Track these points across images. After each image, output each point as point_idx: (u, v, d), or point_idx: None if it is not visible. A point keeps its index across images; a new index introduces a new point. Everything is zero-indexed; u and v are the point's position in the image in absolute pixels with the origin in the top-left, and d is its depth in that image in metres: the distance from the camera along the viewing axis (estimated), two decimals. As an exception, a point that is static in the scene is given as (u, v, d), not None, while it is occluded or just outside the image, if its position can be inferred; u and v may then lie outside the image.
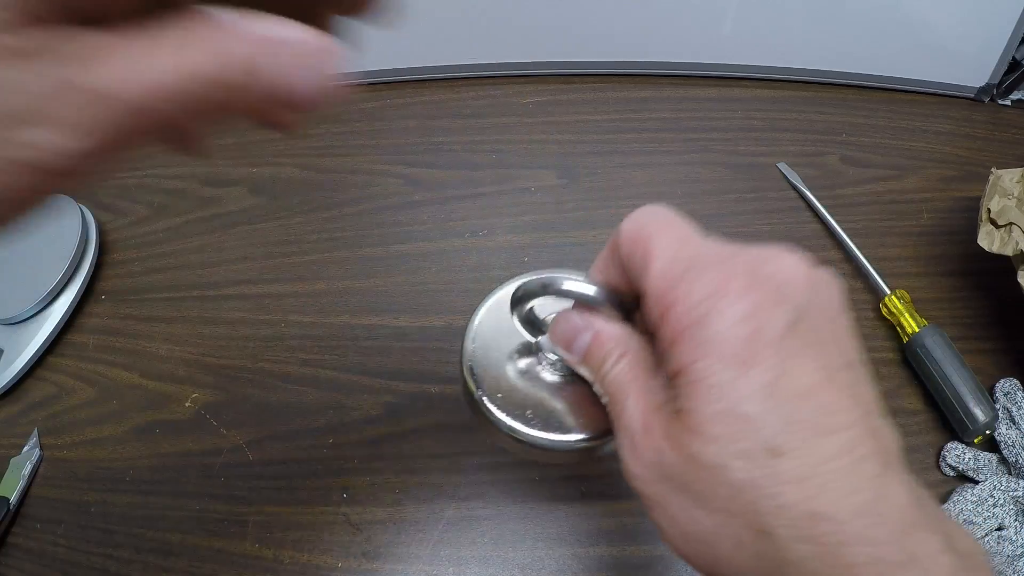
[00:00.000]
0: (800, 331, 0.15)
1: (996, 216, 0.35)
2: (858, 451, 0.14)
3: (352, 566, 0.32)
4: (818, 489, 0.14)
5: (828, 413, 0.14)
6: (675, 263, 0.16)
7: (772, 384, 0.14)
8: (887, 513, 0.14)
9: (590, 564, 0.32)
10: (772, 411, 0.14)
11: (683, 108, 0.49)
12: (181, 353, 0.40)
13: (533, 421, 0.20)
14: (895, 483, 0.15)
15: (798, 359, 0.15)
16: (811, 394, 0.14)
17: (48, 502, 0.36)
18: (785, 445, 0.14)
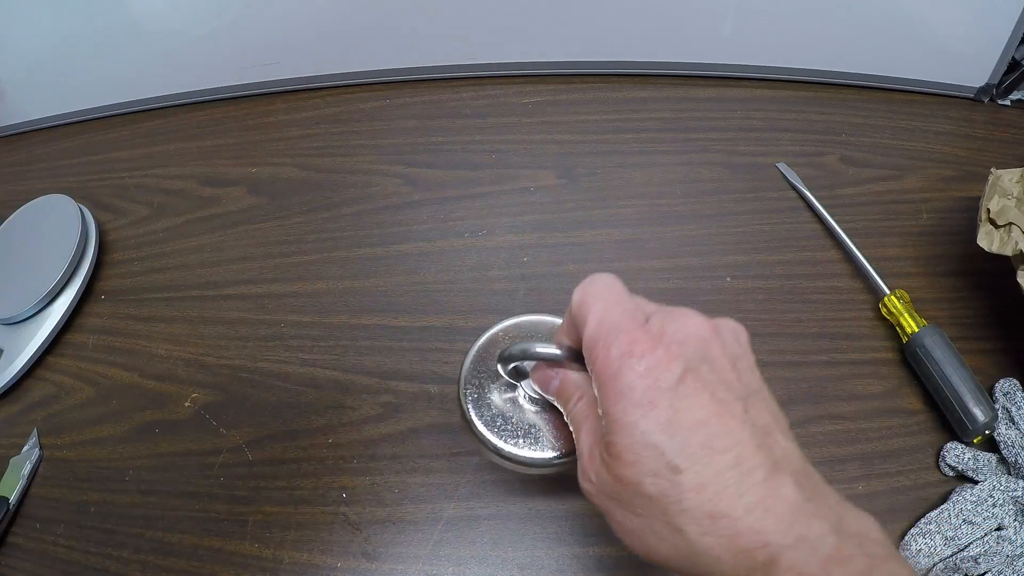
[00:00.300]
0: (691, 378, 0.19)
1: (996, 216, 0.35)
2: (746, 463, 0.19)
3: (352, 566, 0.32)
4: (714, 494, 0.18)
5: (718, 436, 0.19)
6: (601, 326, 0.21)
7: (669, 420, 0.19)
8: (774, 507, 0.18)
9: (589, 564, 0.32)
10: (671, 439, 0.19)
11: (683, 108, 0.49)
12: (181, 353, 0.40)
13: (517, 442, 0.26)
14: (783, 484, 0.18)
15: (690, 399, 0.19)
16: (703, 424, 0.19)
17: (48, 502, 0.36)
18: (683, 464, 0.18)
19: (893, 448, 0.34)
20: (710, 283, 0.40)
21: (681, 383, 0.19)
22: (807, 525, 0.18)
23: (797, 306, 0.39)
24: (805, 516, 0.18)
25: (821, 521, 0.18)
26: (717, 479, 0.18)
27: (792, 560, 0.17)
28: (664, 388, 0.19)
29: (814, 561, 0.17)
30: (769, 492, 0.18)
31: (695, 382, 0.19)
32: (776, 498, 0.18)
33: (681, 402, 0.19)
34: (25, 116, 0.55)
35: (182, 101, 0.54)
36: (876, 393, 0.36)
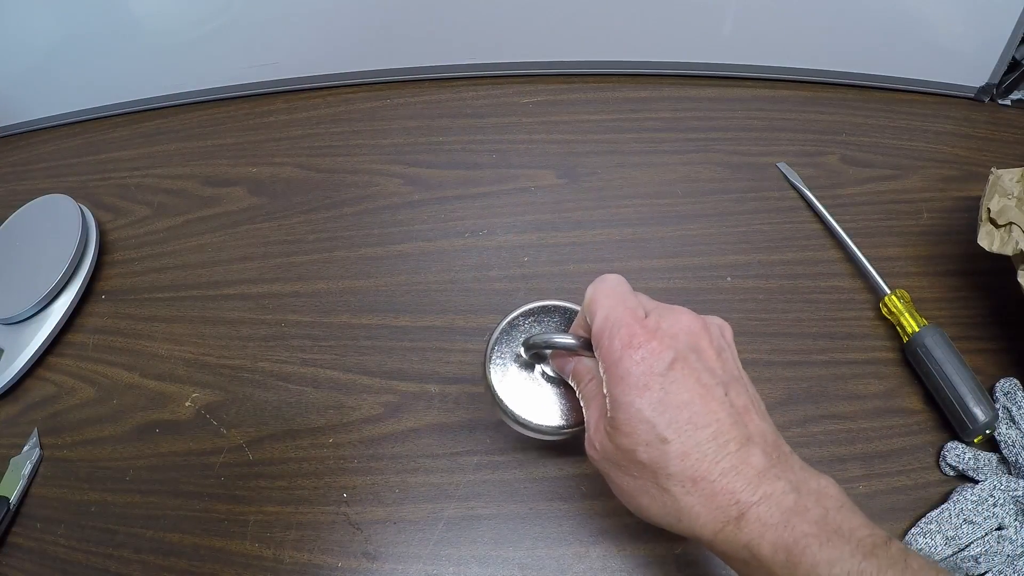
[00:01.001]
0: (680, 365, 0.23)
1: (996, 216, 0.35)
2: (723, 436, 0.22)
3: (352, 566, 0.32)
4: (695, 461, 0.22)
5: (700, 414, 0.23)
6: (606, 321, 0.24)
7: (660, 400, 0.23)
8: (744, 471, 0.22)
9: (591, 563, 0.32)
10: (660, 416, 0.22)
11: (683, 108, 0.49)
12: (181, 353, 0.40)
13: (535, 412, 0.29)
14: (752, 454, 0.22)
15: (678, 383, 0.23)
16: (688, 404, 0.23)
17: (48, 502, 0.36)
18: (670, 436, 0.22)
19: (894, 448, 0.34)
20: (710, 283, 0.40)
21: (671, 369, 0.23)
22: (771, 485, 0.22)
23: (798, 306, 0.39)
24: (770, 479, 0.22)
25: (783, 482, 0.22)
26: (698, 449, 0.22)
27: (758, 512, 0.21)
28: (656, 373, 0.23)
29: (776, 512, 0.21)
30: (741, 460, 0.22)
31: (683, 369, 0.23)
32: (746, 464, 0.22)
33: (671, 385, 0.23)
34: (25, 116, 0.55)
35: (182, 101, 0.54)
36: (877, 393, 0.36)
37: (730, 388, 0.23)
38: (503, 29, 0.50)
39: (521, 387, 0.30)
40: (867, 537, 0.21)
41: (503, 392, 0.29)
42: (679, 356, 0.23)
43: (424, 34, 0.50)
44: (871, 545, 0.21)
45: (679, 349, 0.23)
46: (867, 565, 0.20)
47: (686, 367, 0.23)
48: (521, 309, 0.31)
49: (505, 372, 0.30)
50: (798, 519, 0.21)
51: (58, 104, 0.54)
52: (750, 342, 0.38)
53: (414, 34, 0.51)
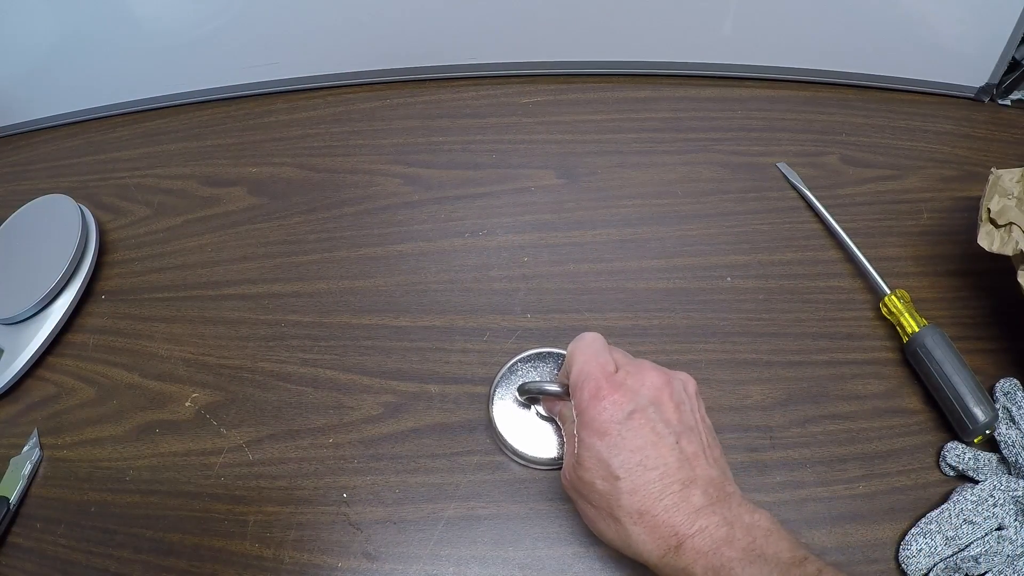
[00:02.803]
0: (639, 416, 0.27)
1: (996, 216, 0.35)
2: (668, 478, 0.26)
3: (352, 566, 0.32)
4: (642, 497, 0.26)
5: (650, 458, 0.26)
6: (579, 375, 0.29)
7: (616, 444, 0.27)
8: (684, 508, 0.26)
9: (591, 563, 0.32)
10: (615, 458, 0.26)
11: (683, 108, 0.49)
12: (181, 353, 0.40)
13: (532, 447, 0.34)
14: (693, 494, 0.26)
15: (634, 431, 0.27)
16: (640, 449, 0.27)
17: (48, 502, 0.36)
18: (622, 475, 0.26)
19: (894, 448, 0.34)
20: (710, 283, 0.40)
21: (629, 419, 0.27)
22: (707, 520, 0.25)
23: (797, 306, 0.39)
24: (706, 514, 0.25)
25: (718, 517, 0.25)
26: (645, 487, 0.26)
27: (693, 543, 0.25)
28: (615, 422, 0.27)
29: (709, 542, 0.25)
30: (682, 499, 0.26)
31: (641, 419, 0.27)
32: (686, 503, 0.26)
33: (627, 432, 0.27)
34: (25, 116, 0.55)
35: (182, 101, 0.54)
36: (877, 393, 0.36)
37: (682, 438, 0.27)
38: (503, 29, 0.50)
39: (519, 424, 0.34)
40: (788, 558, 0.24)
41: (504, 428, 0.34)
42: (638, 408, 0.27)
43: (424, 34, 0.50)
44: (788, 564, 0.24)
45: (639, 403, 0.27)
46: None
47: (643, 418, 0.27)
48: (519, 356, 0.36)
49: (505, 411, 0.35)
50: (727, 547, 0.25)
51: (58, 104, 0.54)
52: (750, 342, 0.38)
53: (414, 34, 0.51)
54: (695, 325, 0.38)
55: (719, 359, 0.37)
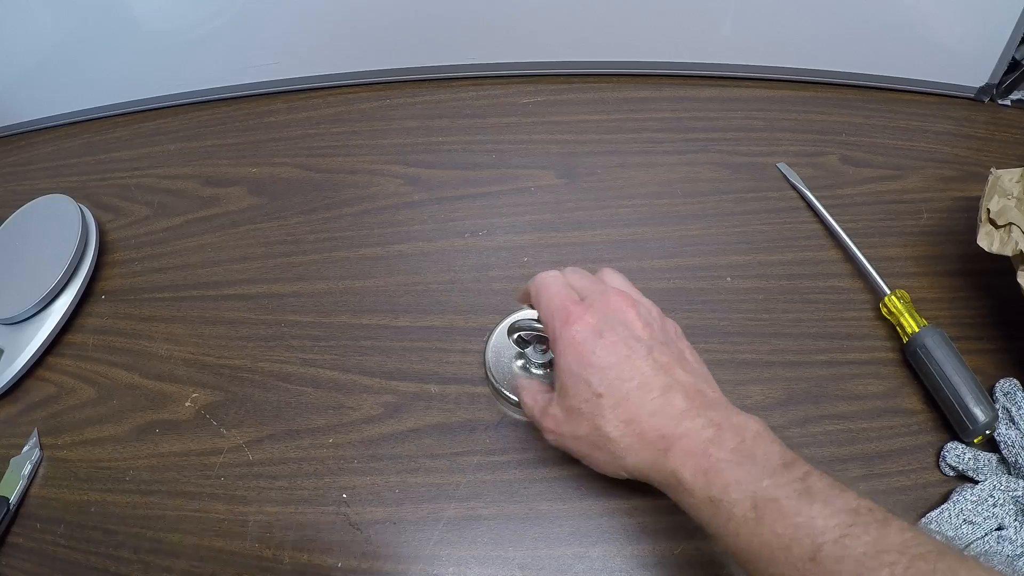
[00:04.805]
0: (609, 334, 0.28)
1: (996, 216, 0.35)
2: (646, 386, 0.27)
3: (352, 566, 0.32)
4: (625, 407, 0.27)
5: (626, 371, 0.27)
6: (548, 309, 0.30)
7: (592, 363, 0.27)
8: (667, 411, 0.26)
9: (591, 564, 0.32)
10: (593, 375, 0.27)
11: (683, 108, 0.49)
12: (181, 353, 0.40)
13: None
14: (675, 398, 0.26)
15: (607, 348, 0.27)
16: (615, 365, 0.27)
17: (48, 502, 0.36)
18: (603, 391, 0.27)
19: (894, 448, 0.34)
20: (710, 283, 0.40)
21: (601, 338, 0.28)
22: (692, 422, 0.26)
23: (797, 306, 0.39)
24: (690, 416, 0.26)
25: (703, 419, 0.26)
26: (626, 398, 0.27)
27: (681, 444, 0.25)
28: (589, 343, 0.28)
29: (696, 443, 0.25)
30: (664, 403, 0.26)
31: (612, 336, 0.28)
32: (669, 406, 0.26)
33: (600, 351, 0.27)
34: (25, 116, 0.55)
35: (182, 101, 0.54)
36: (876, 393, 0.36)
37: (654, 350, 0.28)
38: (503, 29, 0.50)
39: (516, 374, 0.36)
40: (777, 460, 0.24)
41: (497, 379, 0.36)
42: (608, 327, 0.28)
43: (423, 34, 0.50)
44: (775, 468, 0.24)
45: (608, 322, 0.28)
46: (769, 482, 0.23)
47: (614, 335, 0.28)
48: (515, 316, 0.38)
49: (499, 365, 0.37)
50: (715, 448, 0.25)
51: (58, 104, 0.54)
52: (750, 342, 0.38)
53: (413, 34, 0.51)
54: (695, 325, 0.38)
55: (719, 359, 0.37)
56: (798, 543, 0.22)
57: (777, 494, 0.23)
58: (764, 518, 0.23)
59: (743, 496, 0.23)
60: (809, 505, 0.22)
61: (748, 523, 0.23)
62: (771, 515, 0.23)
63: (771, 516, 0.23)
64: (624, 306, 0.29)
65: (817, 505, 0.22)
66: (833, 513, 0.22)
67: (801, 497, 0.23)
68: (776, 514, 0.22)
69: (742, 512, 0.23)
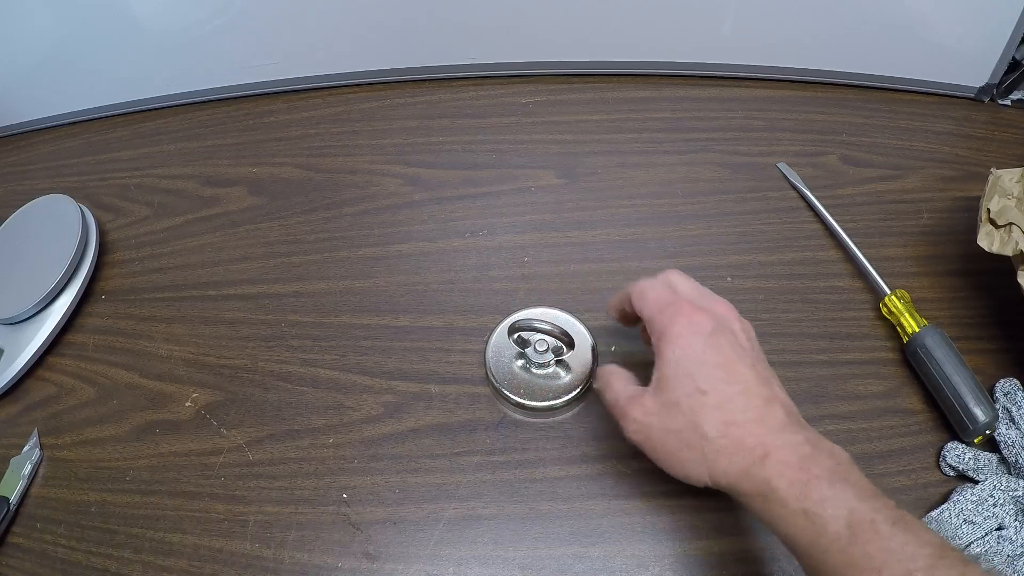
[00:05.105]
0: (718, 334, 0.28)
1: (996, 216, 0.35)
2: (751, 392, 0.27)
3: (352, 566, 0.32)
4: (728, 410, 0.27)
5: (733, 374, 0.27)
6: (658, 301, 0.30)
7: (700, 359, 0.27)
8: (768, 422, 0.26)
9: (591, 564, 0.31)
10: (700, 371, 0.27)
11: (683, 108, 0.49)
12: (181, 353, 0.40)
13: (523, 394, 0.36)
14: (776, 410, 0.27)
15: (716, 348, 0.28)
16: (723, 365, 0.28)
17: (48, 502, 0.36)
18: (707, 388, 0.27)
19: (894, 448, 0.34)
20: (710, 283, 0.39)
21: (711, 336, 0.28)
22: (792, 436, 0.26)
23: (797, 306, 0.39)
24: (791, 431, 0.26)
25: (802, 436, 0.26)
26: (730, 401, 0.27)
27: (780, 455, 0.25)
28: (699, 337, 0.28)
29: (795, 457, 0.25)
30: (766, 413, 0.27)
31: (720, 338, 0.28)
32: (771, 417, 0.26)
33: (709, 349, 0.27)
34: (25, 116, 0.55)
35: (182, 101, 0.54)
36: (877, 393, 0.36)
37: (756, 362, 0.28)
38: (503, 29, 0.50)
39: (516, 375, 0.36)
40: (869, 489, 0.25)
41: (498, 380, 0.36)
42: (717, 328, 0.28)
43: (423, 34, 0.50)
44: (871, 493, 0.24)
45: (718, 324, 0.28)
46: (863, 505, 0.23)
47: (723, 337, 0.28)
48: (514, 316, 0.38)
49: (500, 364, 0.37)
50: (812, 464, 0.25)
51: (58, 104, 0.54)
52: (750, 342, 0.38)
53: (413, 34, 0.51)
54: (695, 325, 0.38)
55: (719, 359, 0.37)
56: (889, 568, 0.22)
57: (874, 516, 0.23)
58: (858, 538, 0.23)
59: (839, 513, 0.23)
60: (903, 532, 0.23)
61: (840, 540, 0.23)
62: (865, 536, 0.23)
63: (865, 537, 0.23)
64: (731, 316, 0.30)
65: (909, 534, 0.23)
66: (923, 544, 0.22)
67: (895, 524, 0.23)
68: (871, 535, 0.23)
69: (836, 529, 0.23)
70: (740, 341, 0.29)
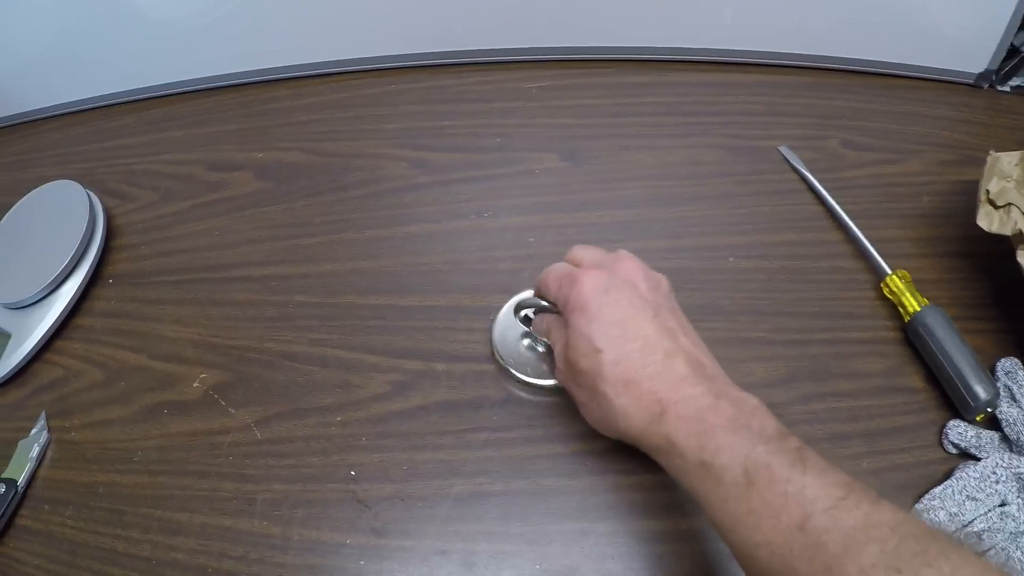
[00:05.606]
0: (615, 291, 0.28)
1: (995, 197, 0.35)
2: (649, 348, 0.27)
3: (361, 542, 0.32)
4: (625, 367, 0.27)
5: (631, 329, 0.27)
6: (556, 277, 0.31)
7: (595, 318, 0.28)
8: (668, 376, 0.26)
9: (597, 539, 0.32)
10: (595, 331, 0.27)
11: (685, 93, 0.50)
12: (189, 334, 0.40)
13: (529, 372, 0.36)
14: (676, 363, 0.26)
15: (612, 304, 0.28)
16: (620, 322, 0.27)
17: (56, 484, 0.36)
18: (603, 346, 0.27)
19: (896, 425, 0.34)
20: (713, 263, 0.41)
21: (606, 293, 0.28)
22: (691, 389, 0.26)
23: (799, 285, 0.39)
24: (690, 383, 0.26)
25: (703, 387, 0.26)
26: (627, 358, 0.27)
27: (677, 409, 0.25)
28: (594, 297, 0.28)
29: (693, 409, 0.25)
30: (665, 367, 0.26)
31: (617, 294, 0.28)
32: (670, 371, 0.26)
33: (605, 306, 0.28)
34: (32, 105, 0.55)
35: (188, 89, 0.54)
36: (878, 371, 0.36)
37: (660, 312, 0.28)
38: (508, 15, 0.50)
39: (522, 354, 0.37)
40: (772, 431, 0.24)
41: (505, 358, 0.36)
42: (614, 284, 0.28)
43: (428, 21, 0.51)
44: (769, 437, 0.24)
45: (614, 280, 0.28)
46: (761, 450, 0.23)
47: (620, 292, 0.28)
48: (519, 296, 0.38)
49: (506, 345, 0.37)
50: (711, 414, 0.25)
51: (64, 93, 0.55)
52: (752, 321, 0.38)
53: (418, 21, 0.51)
54: (698, 304, 0.38)
55: (722, 337, 0.37)
56: (787, 511, 0.21)
57: (770, 460, 0.22)
58: (755, 483, 0.22)
59: (735, 461, 0.23)
60: (802, 474, 0.22)
61: (738, 488, 0.23)
62: (762, 481, 0.22)
63: (762, 482, 0.22)
64: (634, 268, 0.29)
65: (810, 475, 0.22)
66: (825, 485, 0.22)
67: (794, 466, 0.22)
68: (767, 480, 0.22)
69: (732, 477, 0.23)
70: (642, 293, 0.28)
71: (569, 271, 0.30)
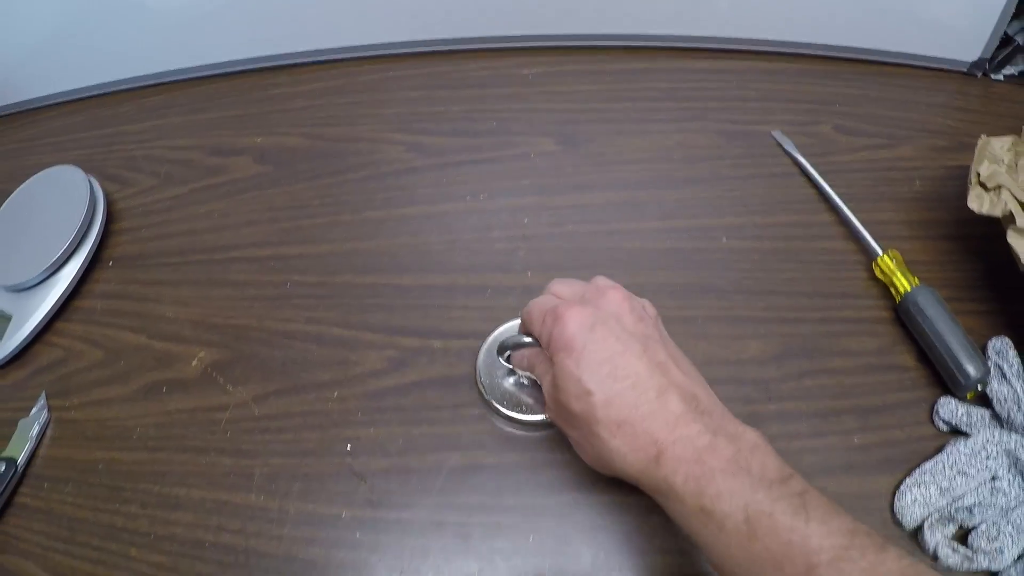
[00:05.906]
0: (601, 328, 0.27)
1: (986, 180, 0.35)
2: (641, 386, 0.26)
3: (357, 514, 0.32)
4: (617, 408, 0.25)
5: (620, 367, 0.26)
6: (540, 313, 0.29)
7: (583, 358, 0.26)
8: (662, 415, 0.25)
9: (589, 511, 0.32)
10: (584, 371, 0.26)
11: (679, 79, 0.50)
12: (188, 314, 0.41)
13: (516, 409, 0.34)
14: (670, 400, 0.25)
15: (599, 343, 0.26)
16: (607, 360, 0.26)
17: (56, 462, 0.36)
18: (593, 388, 0.26)
19: (888, 402, 0.35)
20: (706, 243, 0.41)
21: (592, 332, 0.27)
22: (687, 428, 0.25)
23: (791, 266, 0.40)
24: (686, 422, 0.25)
25: (699, 425, 0.25)
26: (619, 397, 0.25)
27: (674, 451, 0.24)
28: (579, 337, 0.27)
29: (690, 450, 0.24)
30: (659, 406, 0.25)
31: (603, 330, 0.27)
32: (664, 410, 0.25)
33: (591, 345, 0.26)
34: (32, 93, 0.56)
35: (187, 76, 0.55)
36: (870, 350, 0.36)
37: (648, 346, 0.27)
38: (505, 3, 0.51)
39: (506, 392, 0.35)
40: (773, 474, 0.23)
41: (493, 398, 0.35)
42: (599, 320, 0.27)
43: (426, 8, 0.51)
44: (771, 481, 0.23)
45: (599, 316, 0.27)
46: (762, 496, 0.22)
47: (605, 329, 0.27)
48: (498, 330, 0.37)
49: (493, 383, 0.35)
50: (709, 455, 0.24)
51: (63, 81, 0.55)
52: (745, 300, 0.38)
53: (415, 8, 0.51)
54: (692, 283, 0.39)
55: (716, 315, 0.38)
56: (791, 562, 0.21)
57: (772, 508, 0.22)
58: (756, 532, 0.22)
59: (736, 508, 0.22)
60: (805, 523, 0.21)
61: (740, 536, 0.22)
62: (764, 529, 0.22)
63: (764, 531, 0.22)
64: (617, 300, 0.28)
65: (813, 524, 0.21)
66: (829, 533, 0.21)
67: (797, 514, 0.22)
68: (769, 529, 0.22)
69: (734, 525, 0.22)
70: (628, 326, 0.27)
71: (554, 305, 0.28)
